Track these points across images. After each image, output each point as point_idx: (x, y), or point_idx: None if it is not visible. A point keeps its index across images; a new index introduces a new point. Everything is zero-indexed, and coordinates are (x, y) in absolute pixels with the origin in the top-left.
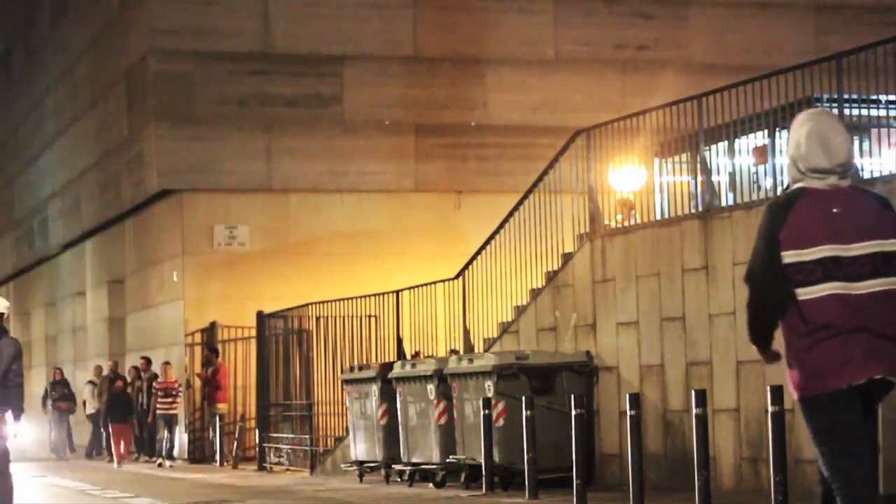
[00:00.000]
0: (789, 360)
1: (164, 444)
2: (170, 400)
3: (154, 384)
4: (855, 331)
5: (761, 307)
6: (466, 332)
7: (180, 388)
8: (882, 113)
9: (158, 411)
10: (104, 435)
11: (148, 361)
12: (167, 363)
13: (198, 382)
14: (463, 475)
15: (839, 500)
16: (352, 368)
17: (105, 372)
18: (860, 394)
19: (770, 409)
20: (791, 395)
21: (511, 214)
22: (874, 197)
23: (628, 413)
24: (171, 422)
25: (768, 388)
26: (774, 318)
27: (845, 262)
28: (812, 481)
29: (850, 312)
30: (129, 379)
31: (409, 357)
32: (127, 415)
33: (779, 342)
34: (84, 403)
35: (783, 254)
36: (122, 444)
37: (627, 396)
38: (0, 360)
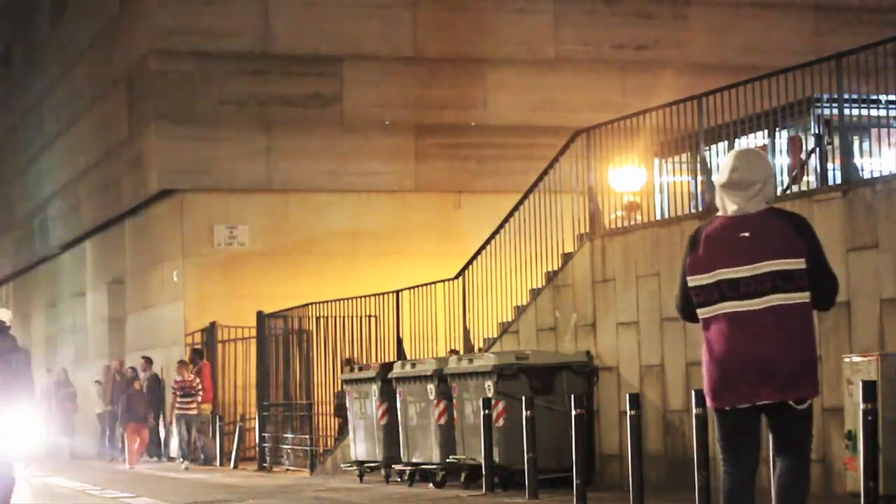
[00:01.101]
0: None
1: (191, 445)
2: (189, 399)
3: (173, 383)
4: (741, 354)
5: (685, 320)
6: (466, 332)
7: (200, 388)
8: (882, 113)
9: (177, 411)
10: (108, 434)
11: (148, 361)
12: (184, 361)
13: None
14: (463, 475)
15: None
16: (352, 368)
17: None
18: (755, 410)
19: None
20: None
21: (511, 214)
22: (790, 220)
23: (628, 413)
24: (190, 422)
25: None
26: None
27: (742, 283)
28: (813, 482)
29: (739, 332)
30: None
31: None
32: (144, 416)
33: None
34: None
35: (688, 279)
36: (138, 444)
37: (627, 396)
38: (16, 374)
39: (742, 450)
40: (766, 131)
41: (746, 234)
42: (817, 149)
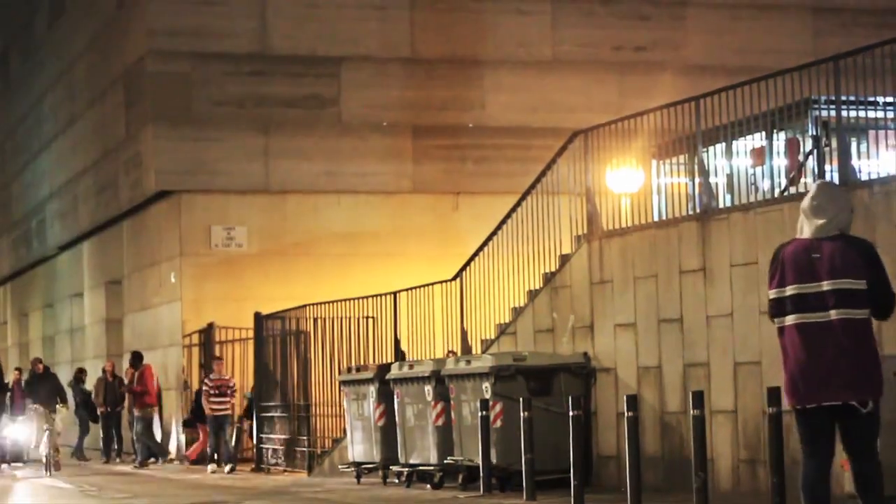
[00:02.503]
0: None
1: (229, 447)
2: (224, 399)
3: (205, 382)
4: (807, 360)
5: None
6: (464, 334)
7: (235, 387)
8: (880, 115)
9: (211, 412)
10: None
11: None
12: (220, 359)
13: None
14: (460, 476)
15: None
16: (349, 369)
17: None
18: (824, 412)
19: (768, 410)
20: None
21: (509, 216)
22: (857, 246)
23: (626, 414)
24: (224, 423)
25: (766, 389)
26: None
27: (811, 297)
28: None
29: (806, 340)
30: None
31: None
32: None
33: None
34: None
35: (769, 292)
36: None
37: (625, 398)
38: None
39: (815, 445)
40: (763, 133)
41: (818, 256)
42: (815, 150)
